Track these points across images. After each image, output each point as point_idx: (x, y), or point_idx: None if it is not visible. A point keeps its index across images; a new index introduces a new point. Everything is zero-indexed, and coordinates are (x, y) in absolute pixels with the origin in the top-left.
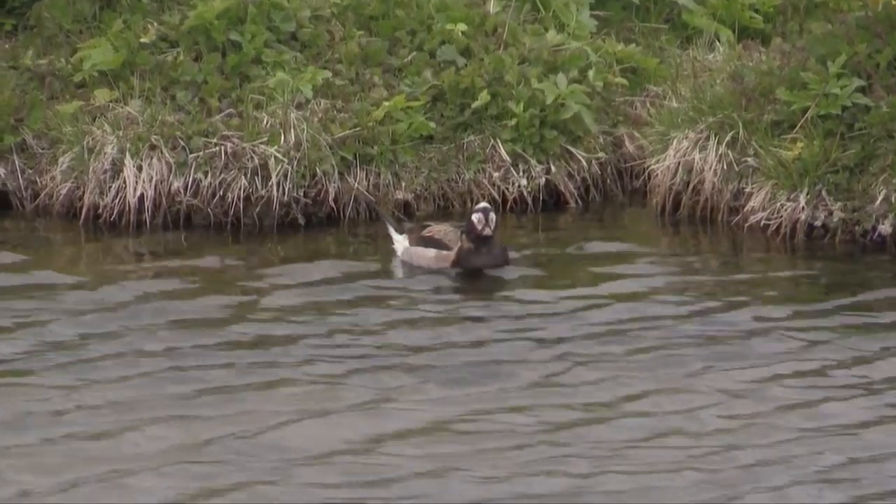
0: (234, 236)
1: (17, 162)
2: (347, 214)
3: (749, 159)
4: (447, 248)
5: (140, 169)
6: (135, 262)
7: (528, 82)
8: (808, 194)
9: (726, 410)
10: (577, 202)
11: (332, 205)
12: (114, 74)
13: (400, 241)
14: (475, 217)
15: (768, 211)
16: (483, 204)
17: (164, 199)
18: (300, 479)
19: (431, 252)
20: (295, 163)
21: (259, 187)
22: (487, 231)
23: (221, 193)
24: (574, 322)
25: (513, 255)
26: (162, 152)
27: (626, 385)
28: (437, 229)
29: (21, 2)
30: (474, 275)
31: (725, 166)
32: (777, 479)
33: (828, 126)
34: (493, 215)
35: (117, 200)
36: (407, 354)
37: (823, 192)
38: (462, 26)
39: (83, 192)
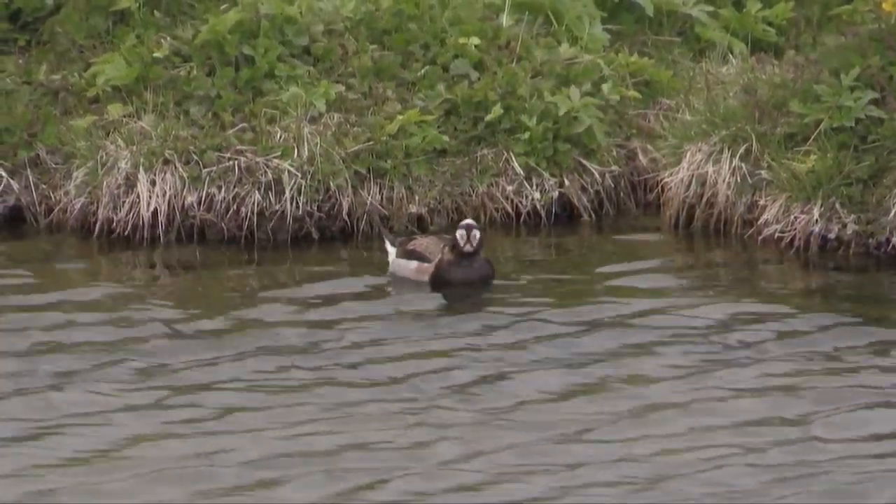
0: (247, 251)
1: (30, 177)
2: (361, 228)
3: (762, 172)
4: (428, 260)
5: (154, 183)
6: (149, 276)
7: (541, 95)
8: (821, 207)
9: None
10: (590, 215)
11: (346, 219)
12: (127, 89)
13: (391, 254)
14: (458, 233)
15: (782, 223)
16: (468, 221)
17: (177, 214)
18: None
19: (413, 264)
20: (308, 177)
21: (273, 201)
22: (469, 248)
23: (235, 208)
24: (589, 336)
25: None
26: (175, 167)
27: (638, 398)
28: (421, 242)
29: (34, 17)
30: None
31: (739, 179)
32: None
33: (841, 138)
34: (476, 232)
35: (131, 215)
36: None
37: (837, 205)
38: (475, 40)
39: (97, 207)
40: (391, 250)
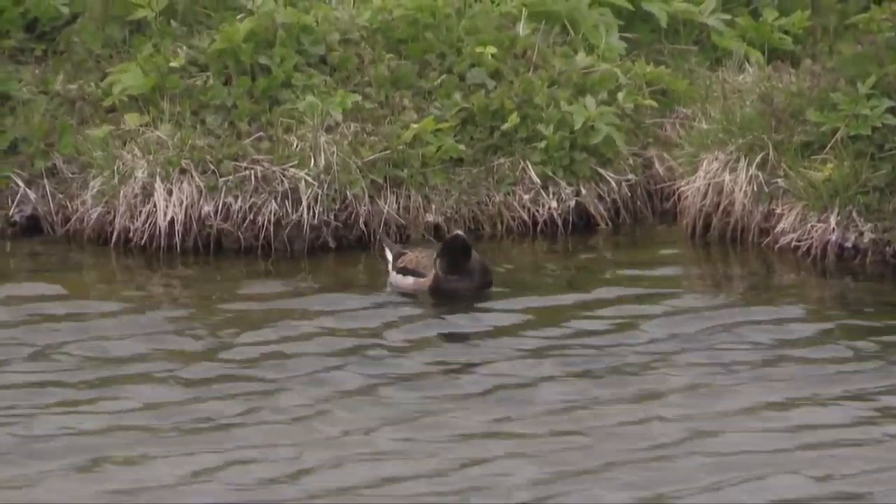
0: (264, 260)
1: (47, 186)
2: (378, 237)
3: (779, 180)
4: (423, 275)
5: (170, 193)
6: (165, 286)
7: (557, 104)
8: (838, 215)
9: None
10: (607, 224)
11: (363, 228)
12: (144, 99)
13: (389, 263)
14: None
15: (799, 232)
16: (456, 232)
17: (194, 223)
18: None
19: (409, 280)
20: (325, 186)
21: (289, 211)
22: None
23: (252, 217)
24: (605, 345)
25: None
26: (192, 176)
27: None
28: (411, 258)
29: (51, 27)
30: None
31: (755, 187)
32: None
33: (858, 147)
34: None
35: (148, 224)
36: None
37: (854, 213)
38: (492, 49)
39: (114, 217)
40: (389, 258)
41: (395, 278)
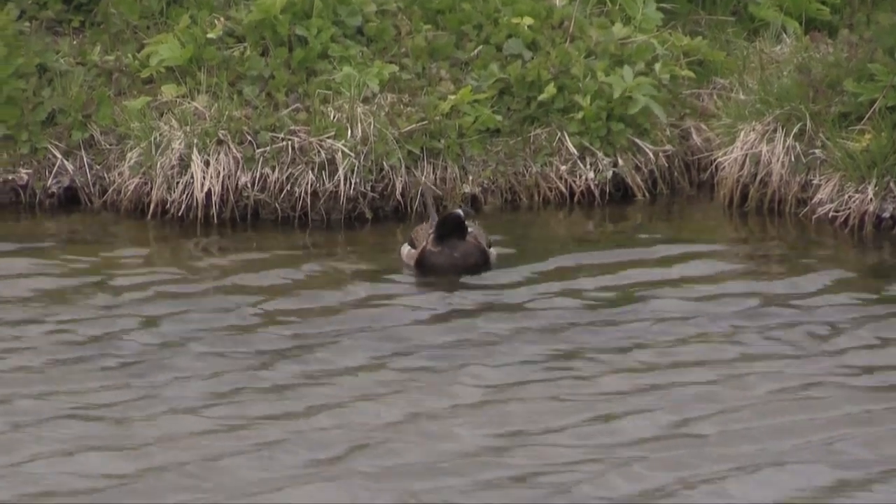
0: (301, 231)
1: (85, 158)
2: (415, 208)
3: (817, 151)
4: (416, 247)
5: (207, 164)
6: (203, 257)
7: (594, 75)
8: (876, 186)
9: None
10: (644, 195)
11: (399, 199)
12: (181, 70)
13: None
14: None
15: (836, 203)
16: (455, 210)
17: (231, 195)
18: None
19: (406, 249)
20: (362, 157)
21: (326, 182)
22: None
23: (289, 188)
24: (642, 315)
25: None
26: (229, 147)
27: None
28: (420, 227)
29: None
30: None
31: (793, 158)
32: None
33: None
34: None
35: (185, 196)
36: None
37: (892, 184)
38: (528, 20)
39: (151, 188)
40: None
41: (402, 247)
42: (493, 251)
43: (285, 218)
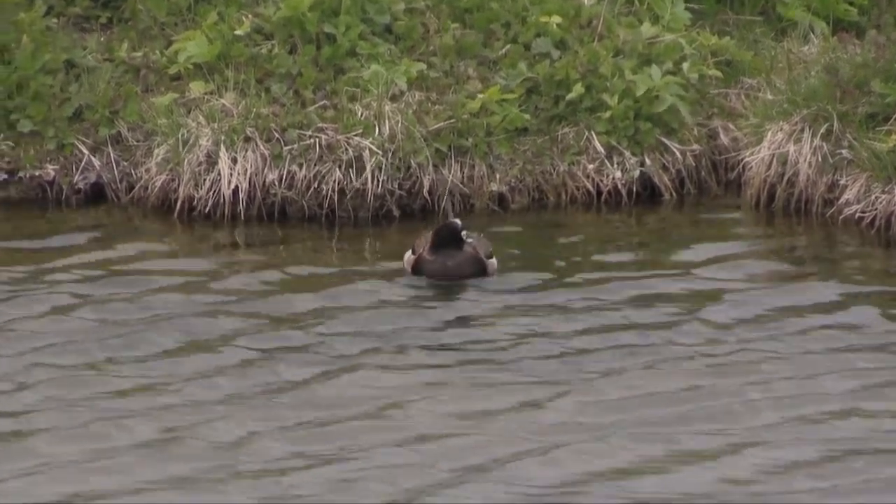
0: (328, 228)
1: (112, 154)
2: (442, 206)
3: (844, 151)
4: (416, 252)
5: (235, 161)
6: (230, 254)
7: (622, 74)
8: None
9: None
10: (671, 194)
11: (427, 197)
12: (209, 67)
13: None
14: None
15: (863, 203)
16: (452, 220)
17: (258, 192)
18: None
19: (407, 254)
20: (389, 155)
21: (353, 179)
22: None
23: (316, 185)
24: (670, 315)
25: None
26: (257, 144)
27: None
28: (425, 234)
29: None
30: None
31: (820, 158)
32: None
33: None
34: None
35: (212, 193)
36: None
37: None
38: (557, 18)
39: (178, 185)
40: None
41: (407, 252)
42: (493, 261)
43: (312, 215)
